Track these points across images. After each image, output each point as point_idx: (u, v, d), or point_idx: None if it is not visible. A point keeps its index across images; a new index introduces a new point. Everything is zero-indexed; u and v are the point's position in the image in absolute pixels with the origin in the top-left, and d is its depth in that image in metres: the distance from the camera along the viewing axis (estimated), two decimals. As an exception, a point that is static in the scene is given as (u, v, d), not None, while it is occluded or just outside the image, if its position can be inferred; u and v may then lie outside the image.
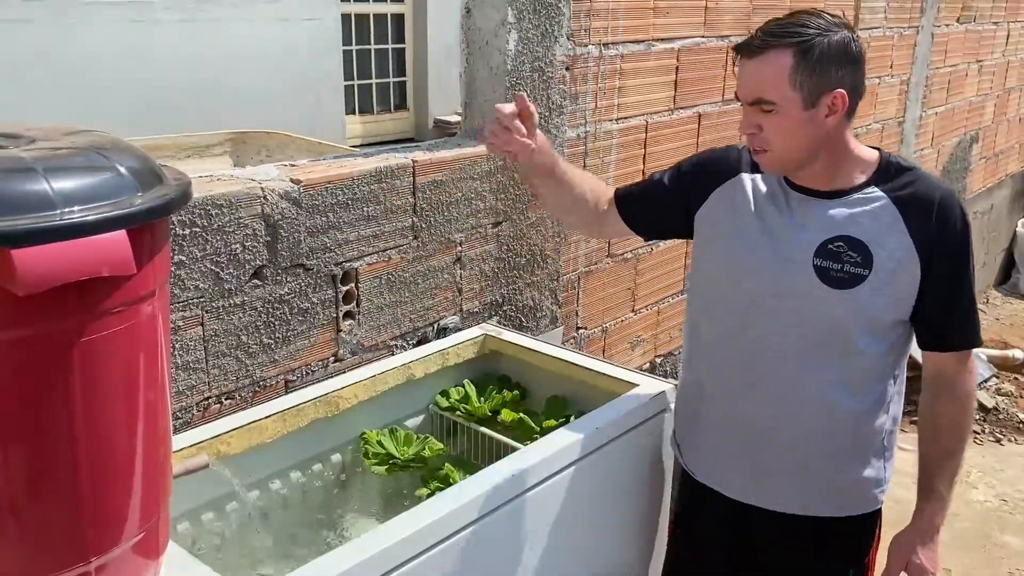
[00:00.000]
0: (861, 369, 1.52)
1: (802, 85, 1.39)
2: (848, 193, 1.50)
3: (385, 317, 1.91)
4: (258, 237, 1.62)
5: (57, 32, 4.79)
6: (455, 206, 2.01)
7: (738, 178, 1.59)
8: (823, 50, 1.39)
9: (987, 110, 5.18)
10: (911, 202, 1.47)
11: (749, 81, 1.44)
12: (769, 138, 1.44)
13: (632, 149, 2.52)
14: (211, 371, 1.61)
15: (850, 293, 1.47)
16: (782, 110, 1.41)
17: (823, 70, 1.39)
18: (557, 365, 1.90)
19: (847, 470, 1.58)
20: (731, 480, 1.65)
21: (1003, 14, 4.97)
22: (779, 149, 1.45)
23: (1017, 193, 6.28)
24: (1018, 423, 4.11)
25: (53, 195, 0.85)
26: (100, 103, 4.89)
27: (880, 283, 1.46)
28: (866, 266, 1.46)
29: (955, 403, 1.55)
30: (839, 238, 1.48)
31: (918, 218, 1.46)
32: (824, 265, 1.48)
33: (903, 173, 1.50)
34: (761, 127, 1.44)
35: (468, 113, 2.17)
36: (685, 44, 2.60)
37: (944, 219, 1.46)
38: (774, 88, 1.40)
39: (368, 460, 1.73)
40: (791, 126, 1.42)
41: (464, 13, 2.10)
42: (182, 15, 5.37)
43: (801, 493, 1.60)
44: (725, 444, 1.64)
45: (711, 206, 1.62)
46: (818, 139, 1.45)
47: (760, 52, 1.41)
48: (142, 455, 1.03)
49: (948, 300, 1.49)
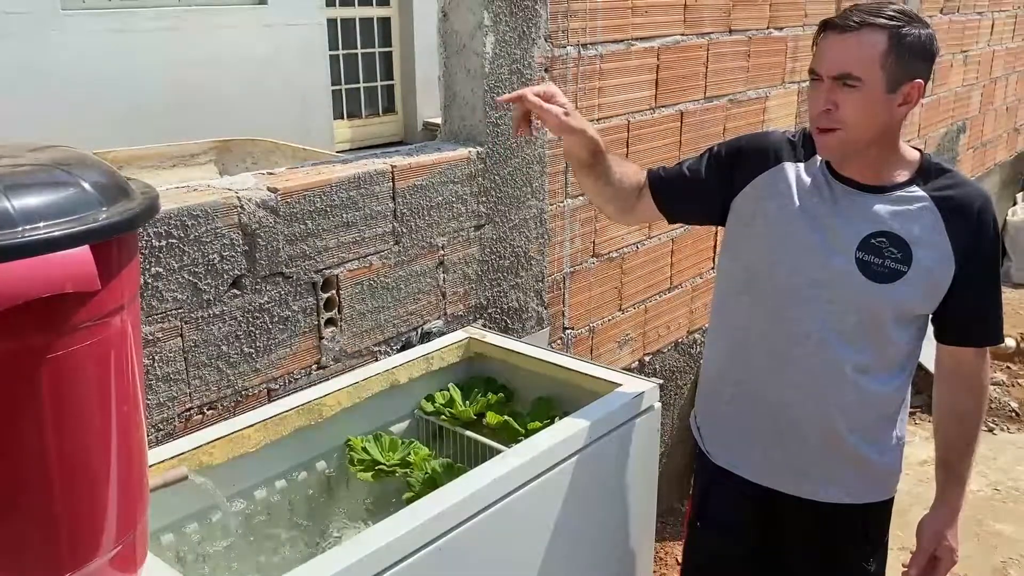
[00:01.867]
0: (888, 354, 1.60)
1: (890, 68, 1.43)
2: (891, 190, 1.55)
3: (368, 323, 1.91)
4: (236, 247, 1.62)
5: (40, 43, 4.78)
6: (436, 210, 2.01)
7: (781, 167, 1.62)
8: (913, 40, 1.44)
9: (973, 100, 5.18)
10: (952, 206, 1.53)
11: (838, 55, 1.46)
12: (844, 116, 1.46)
13: (615, 149, 2.51)
14: (192, 382, 1.61)
15: (888, 287, 1.53)
16: (865, 88, 1.44)
17: (910, 58, 1.44)
18: (542, 367, 1.90)
19: (871, 453, 1.64)
20: (755, 462, 1.70)
21: (987, 4, 4.98)
22: (852, 128, 1.47)
23: (1006, 181, 6.30)
24: (1010, 412, 4.12)
25: (14, 212, 0.85)
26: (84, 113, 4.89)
27: (917, 280, 1.52)
28: (905, 262, 1.52)
29: (973, 393, 1.62)
30: (882, 233, 1.53)
31: (957, 223, 1.52)
32: (866, 259, 1.53)
33: (943, 175, 1.56)
34: (838, 104, 1.46)
35: (447, 116, 2.17)
36: (665, 42, 2.60)
37: (981, 225, 1.53)
38: (864, 65, 1.43)
39: (354, 467, 1.73)
40: (870, 106, 1.45)
41: (441, 17, 2.10)
42: (166, 23, 5.37)
43: (826, 477, 1.66)
44: (751, 427, 1.70)
45: (752, 193, 1.64)
46: (886, 126, 1.49)
47: (856, 29, 1.44)
48: (116, 469, 1.03)
49: (979, 299, 1.57)
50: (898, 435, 1.68)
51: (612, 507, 1.74)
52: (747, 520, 1.75)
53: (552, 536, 1.56)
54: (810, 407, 1.63)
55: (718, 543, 1.81)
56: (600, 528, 1.73)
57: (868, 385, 1.60)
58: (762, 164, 1.63)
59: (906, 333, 1.59)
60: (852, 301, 1.55)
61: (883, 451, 1.66)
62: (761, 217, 1.63)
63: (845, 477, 1.66)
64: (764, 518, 1.74)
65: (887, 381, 1.61)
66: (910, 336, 1.60)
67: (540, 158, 2.27)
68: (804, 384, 1.62)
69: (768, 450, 1.68)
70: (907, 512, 1.68)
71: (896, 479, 1.70)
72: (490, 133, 2.11)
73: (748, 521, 1.75)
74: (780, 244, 1.60)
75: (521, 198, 2.24)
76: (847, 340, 1.57)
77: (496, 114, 2.11)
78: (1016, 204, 6.47)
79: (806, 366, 1.61)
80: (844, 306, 1.56)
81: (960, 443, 1.64)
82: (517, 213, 2.24)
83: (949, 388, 1.65)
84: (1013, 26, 5.53)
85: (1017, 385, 4.41)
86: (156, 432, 1.57)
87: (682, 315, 3.02)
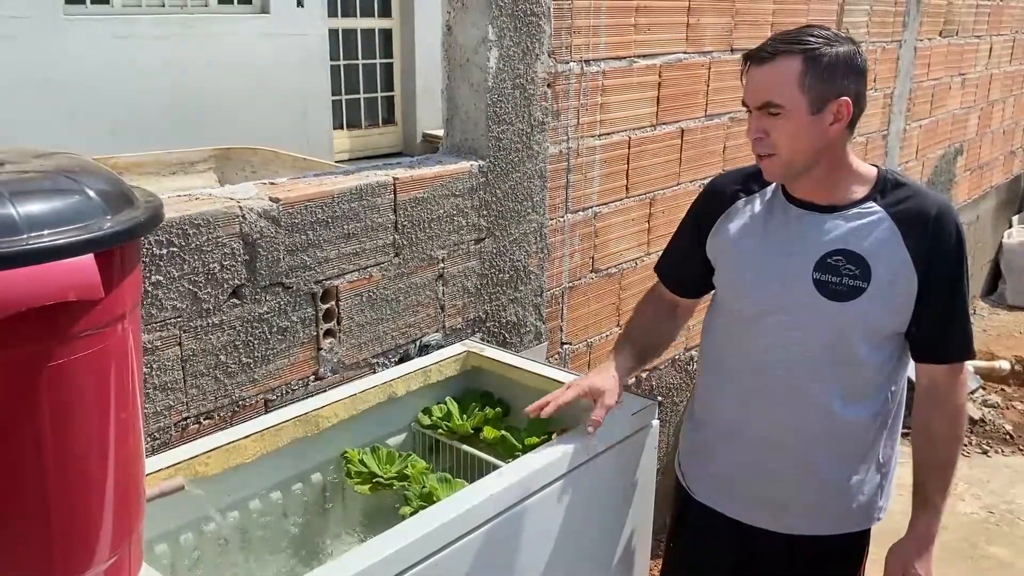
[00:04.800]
0: (862, 379, 1.57)
1: (810, 90, 1.44)
2: (847, 207, 1.54)
3: (366, 335, 1.91)
4: (236, 256, 1.61)
5: (42, 48, 4.79)
6: (437, 223, 2.01)
7: (735, 205, 1.65)
8: (831, 59, 1.44)
9: (971, 122, 5.21)
10: (908, 217, 1.51)
11: (759, 86, 1.48)
12: (775, 142, 1.48)
13: (615, 164, 2.52)
14: (189, 391, 1.60)
15: (849, 305, 1.51)
16: (789, 113, 1.45)
17: (830, 77, 1.44)
18: (540, 381, 1.89)
19: (849, 482, 1.61)
20: (731, 498, 1.69)
21: (985, 28, 5.01)
22: (784, 153, 1.49)
23: (1002, 204, 6.32)
24: (1005, 434, 4.12)
25: (19, 220, 0.84)
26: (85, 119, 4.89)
27: (878, 295, 1.50)
28: (864, 279, 1.50)
29: (947, 416, 1.58)
30: (838, 252, 1.52)
31: (915, 232, 1.50)
32: (823, 279, 1.52)
33: (900, 188, 1.55)
34: (767, 132, 1.48)
35: (450, 129, 2.18)
36: (667, 60, 2.61)
37: (939, 233, 1.50)
38: (783, 92, 1.45)
39: (351, 479, 1.72)
40: (797, 130, 1.46)
41: (445, 31, 2.10)
42: (169, 30, 5.38)
43: (804, 511, 1.64)
44: (729, 460, 1.69)
45: (715, 234, 1.67)
46: (821, 146, 1.49)
47: (771, 59, 1.46)
48: (114, 478, 1.02)
49: (943, 312, 1.53)
50: (881, 461, 1.63)
51: (609, 524, 1.74)
52: (722, 553, 1.74)
53: (548, 553, 1.55)
54: (785, 440, 1.60)
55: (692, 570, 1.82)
56: (597, 545, 1.72)
57: (842, 413, 1.56)
58: (720, 207, 1.67)
59: (879, 354, 1.55)
60: (816, 324, 1.53)
61: (863, 479, 1.62)
62: (723, 255, 1.66)
63: (823, 508, 1.63)
64: (739, 550, 1.72)
65: (863, 407, 1.57)
66: (884, 358, 1.56)
67: (541, 173, 2.27)
68: (777, 416, 1.60)
69: (745, 485, 1.66)
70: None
71: (877, 507, 1.66)
72: (492, 147, 2.11)
73: (723, 553, 1.74)
74: (741, 277, 1.62)
75: (521, 212, 2.24)
76: (816, 368, 1.55)
77: (499, 128, 2.11)
78: (1011, 227, 6.49)
79: (777, 397, 1.59)
80: (809, 331, 1.54)
81: (933, 468, 1.59)
82: (517, 227, 2.24)
83: (922, 409, 1.60)
84: (1011, 50, 5.57)
85: (1012, 408, 4.41)
86: (152, 441, 1.56)
87: (680, 332, 3.01)
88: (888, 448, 1.64)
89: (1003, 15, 5.27)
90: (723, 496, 1.71)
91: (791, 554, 1.67)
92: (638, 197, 2.64)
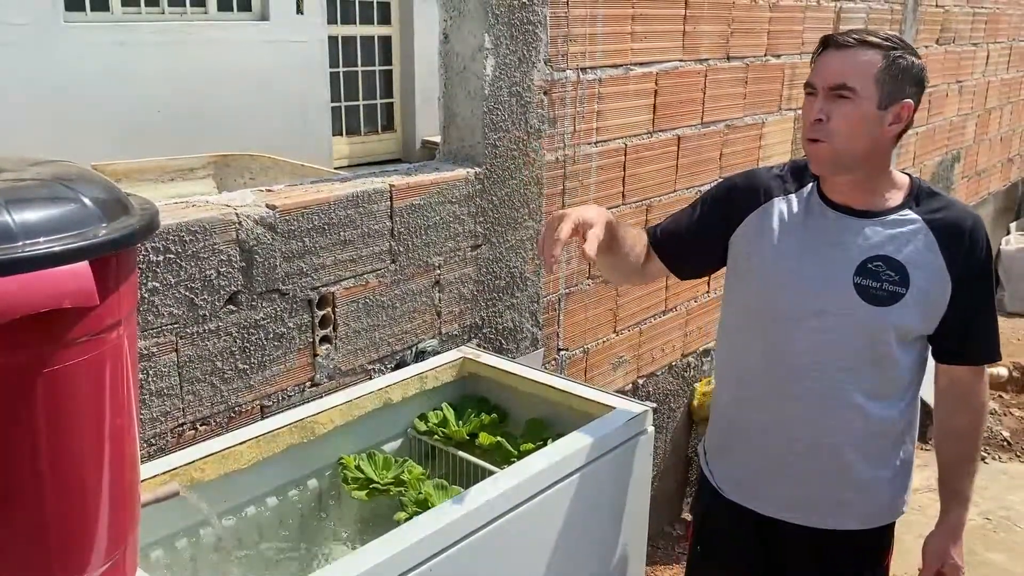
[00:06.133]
0: (893, 379, 1.62)
1: (883, 84, 1.48)
2: (884, 214, 1.58)
3: (363, 341, 1.91)
4: (233, 263, 1.62)
5: (41, 55, 4.80)
6: (433, 229, 2.02)
7: (771, 202, 1.67)
8: (907, 64, 1.50)
9: (968, 129, 5.23)
10: (944, 227, 1.56)
11: (835, 68, 1.51)
12: (834, 128, 1.50)
13: (612, 171, 2.53)
14: (186, 397, 1.61)
15: (888, 310, 1.55)
16: (859, 100, 1.49)
17: (902, 80, 1.50)
18: (535, 387, 1.90)
19: (879, 479, 1.66)
20: (762, 495, 1.71)
21: (982, 35, 5.03)
22: (839, 141, 1.51)
23: (1000, 211, 6.34)
24: (1003, 441, 4.12)
25: (15, 227, 0.85)
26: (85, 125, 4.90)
27: (915, 301, 1.55)
28: (903, 285, 1.55)
29: (972, 412, 1.65)
30: (878, 258, 1.56)
31: (951, 243, 1.55)
32: (864, 283, 1.56)
33: (934, 198, 1.60)
34: (830, 115, 1.50)
35: (446, 137, 2.19)
36: (664, 67, 2.62)
37: (973, 244, 1.56)
38: (859, 77, 1.48)
39: (348, 485, 1.72)
40: (860, 119, 1.49)
41: (442, 39, 2.11)
42: (168, 37, 5.40)
43: (833, 506, 1.67)
44: (758, 461, 1.71)
45: (744, 231, 1.68)
46: (875, 144, 1.52)
47: (854, 46, 1.50)
48: (109, 484, 1.03)
49: (972, 317, 1.59)
50: (903, 457, 1.69)
51: (603, 530, 1.74)
52: (749, 547, 1.76)
53: (543, 559, 1.56)
54: (818, 439, 1.63)
55: (719, 570, 1.83)
56: (591, 551, 1.72)
57: (874, 411, 1.61)
58: (754, 202, 1.68)
59: (909, 356, 1.61)
60: (854, 327, 1.57)
61: (891, 475, 1.67)
62: (756, 255, 1.66)
63: (853, 505, 1.67)
64: (766, 544, 1.74)
65: (892, 405, 1.62)
66: (913, 359, 1.62)
67: (537, 180, 2.28)
68: (810, 416, 1.63)
69: (776, 483, 1.69)
70: (899, 540, 1.67)
71: (902, 501, 1.71)
72: (488, 154, 2.12)
73: (750, 548, 1.76)
74: (776, 278, 1.62)
75: (518, 219, 2.25)
76: (851, 368, 1.59)
77: (495, 135, 2.13)
78: (1009, 233, 6.51)
79: (812, 398, 1.62)
80: (846, 333, 1.57)
81: (959, 461, 1.66)
82: (514, 234, 2.25)
83: (946, 407, 1.67)
84: (1008, 57, 5.58)
85: (1010, 414, 4.42)
86: (148, 447, 1.56)
87: (676, 338, 3.02)
88: (909, 445, 1.70)
89: (1000, 23, 5.28)
90: (752, 494, 1.73)
91: (818, 548, 1.70)
92: (634, 204, 2.65)
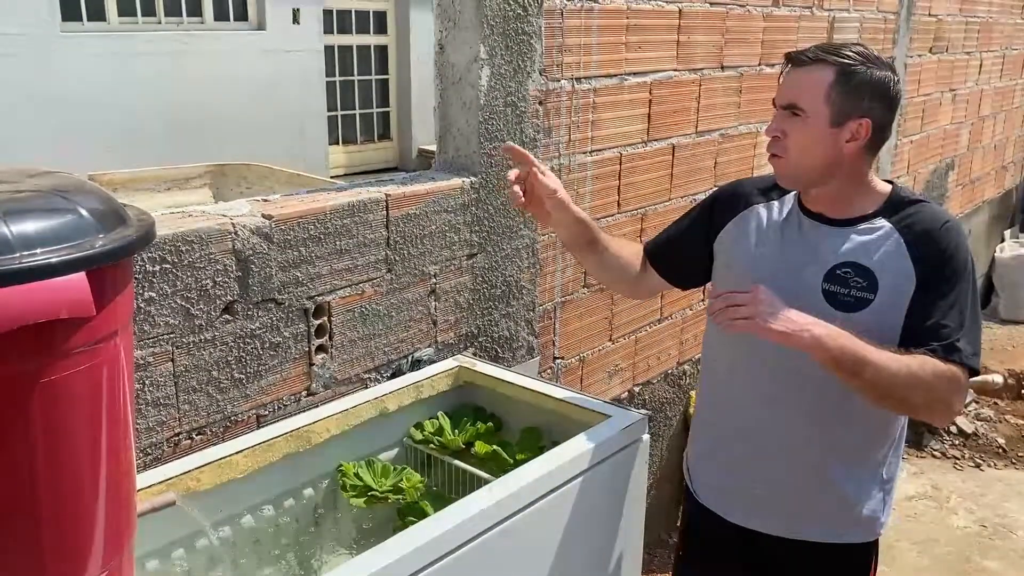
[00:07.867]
0: None
1: (834, 102, 1.48)
2: (857, 222, 1.58)
3: (359, 350, 1.92)
4: (229, 272, 1.63)
5: (39, 65, 4.81)
6: (429, 239, 2.03)
7: (751, 209, 1.69)
8: (863, 78, 1.48)
9: (962, 137, 5.25)
10: (913, 228, 1.55)
11: (789, 87, 1.53)
12: (788, 145, 1.53)
13: (607, 181, 2.54)
14: (182, 407, 1.61)
15: (857, 316, 1.54)
16: (809, 120, 1.50)
17: (857, 96, 1.48)
18: (531, 396, 1.90)
19: (857, 492, 1.64)
20: (742, 505, 1.72)
21: (975, 44, 5.06)
22: (793, 157, 1.53)
23: (994, 218, 6.36)
24: (998, 448, 4.13)
25: (12, 238, 0.86)
26: (82, 135, 4.90)
27: (884, 306, 1.53)
28: (871, 291, 1.53)
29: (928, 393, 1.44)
30: (847, 264, 1.56)
31: (918, 242, 1.54)
32: (832, 289, 1.56)
33: (911, 205, 1.58)
34: (785, 133, 1.53)
35: (442, 146, 2.20)
36: (658, 77, 2.64)
37: (941, 243, 1.53)
38: (809, 97, 1.49)
39: (346, 493, 1.72)
40: (812, 138, 1.50)
41: (437, 49, 2.13)
42: (166, 47, 5.41)
43: (811, 517, 1.66)
44: (738, 469, 1.71)
45: (726, 236, 1.72)
46: (833, 160, 1.52)
47: (807, 64, 1.51)
48: (105, 494, 1.03)
49: (931, 313, 1.49)
50: (885, 476, 1.66)
51: (600, 538, 1.74)
52: (730, 557, 1.77)
53: (539, 568, 1.56)
54: (793, 447, 1.63)
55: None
56: (587, 560, 1.72)
57: (851, 412, 1.60)
58: (734, 208, 1.71)
59: None
60: None
61: (869, 490, 1.65)
62: (736, 259, 1.69)
63: (830, 516, 1.66)
64: (747, 555, 1.74)
65: (868, 415, 1.60)
66: None
67: (533, 189, 2.29)
68: (789, 423, 1.63)
69: (755, 492, 1.69)
70: (893, 547, 1.67)
71: (880, 519, 1.68)
72: (484, 164, 2.14)
73: (731, 558, 1.77)
74: (753, 281, 1.62)
75: (514, 228, 2.26)
76: (824, 377, 1.55)
77: (490, 145, 2.14)
78: (1004, 241, 6.53)
79: (791, 405, 1.62)
80: None
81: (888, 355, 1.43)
82: (509, 243, 2.26)
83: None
84: (1001, 66, 5.61)
85: (1005, 421, 4.43)
86: (144, 457, 1.57)
87: (672, 346, 3.03)
88: (893, 463, 1.68)
89: (993, 32, 5.32)
90: (727, 502, 1.73)
91: (800, 562, 1.70)
92: (629, 213, 2.66)
